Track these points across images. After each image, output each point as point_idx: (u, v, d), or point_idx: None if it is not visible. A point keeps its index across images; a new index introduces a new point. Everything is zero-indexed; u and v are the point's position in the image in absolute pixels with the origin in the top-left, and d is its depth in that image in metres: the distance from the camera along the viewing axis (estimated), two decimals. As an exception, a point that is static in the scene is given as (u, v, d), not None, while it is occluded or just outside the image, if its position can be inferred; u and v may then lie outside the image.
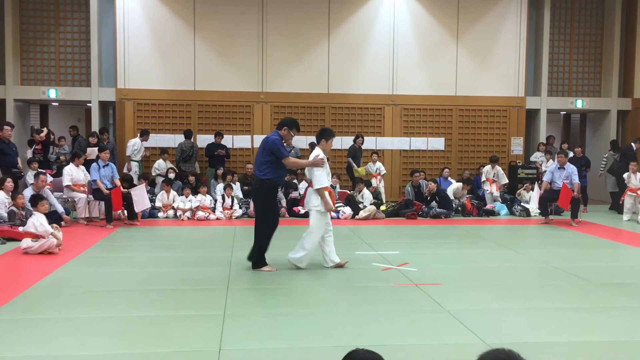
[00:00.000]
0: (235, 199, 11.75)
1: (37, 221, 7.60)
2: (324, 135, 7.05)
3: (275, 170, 6.78)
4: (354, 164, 13.16)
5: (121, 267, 7.01)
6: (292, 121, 7.03)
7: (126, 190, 10.63)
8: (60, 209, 10.04)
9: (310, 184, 6.94)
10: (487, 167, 13.45)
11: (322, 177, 6.82)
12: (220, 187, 11.87)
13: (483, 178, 13.41)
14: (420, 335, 4.59)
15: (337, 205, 11.93)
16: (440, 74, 14.75)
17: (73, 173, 10.63)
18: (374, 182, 13.37)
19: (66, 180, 10.54)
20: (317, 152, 6.97)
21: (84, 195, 10.51)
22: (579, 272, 6.81)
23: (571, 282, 6.41)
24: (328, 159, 13.26)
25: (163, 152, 13.24)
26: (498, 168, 13.35)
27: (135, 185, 11.27)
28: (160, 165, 12.97)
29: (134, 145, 13.05)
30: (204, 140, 13.93)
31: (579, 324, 4.94)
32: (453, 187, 12.72)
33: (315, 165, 6.78)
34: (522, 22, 14.90)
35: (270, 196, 6.85)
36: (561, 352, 4.28)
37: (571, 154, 13.34)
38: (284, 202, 11.96)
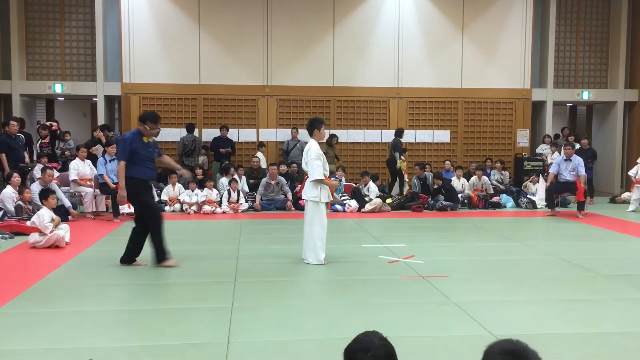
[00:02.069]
0: (241, 193, 11.78)
1: (40, 216, 7.61)
2: (315, 125, 6.91)
3: (135, 167, 6.56)
4: (401, 158, 13.23)
5: (129, 261, 7.03)
6: (145, 115, 6.69)
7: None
8: (67, 203, 10.08)
9: (307, 175, 6.88)
10: (474, 179, 12.77)
11: (316, 169, 6.68)
12: (225, 181, 11.89)
13: (468, 190, 12.61)
14: (427, 327, 4.60)
15: (343, 198, 11.94)
16: (446, 66, 14.70)
17: (79, 167, 10.67)
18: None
19: (73, 174, 10.58)
20: (312, 144, 6.85)
21: (90, 190, 10.55)
22: (585, 264, 6.81)
23: (578, 274, 6.41)
24: (333, 156, 13.44)
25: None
26: (485, 178, 12.81)
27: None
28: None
29: None
30: (209, 134, 13.95)
31: (586, 315, 4.95)
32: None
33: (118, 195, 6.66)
34: (527, 13, 14.83)
35: (138, 193, 6.61)
36: (569, 344, 4.28)
37: (577, 146, 13.29)
38: (289, 195, 11.98)
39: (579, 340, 4.36)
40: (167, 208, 11.44)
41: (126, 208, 10.50)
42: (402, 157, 13.40)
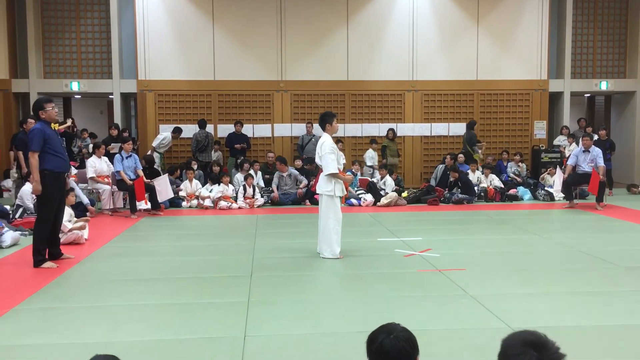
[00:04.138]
0: (256, 188, 11.81)
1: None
2: (327, 119, 6.86)
3: (49, 159, 6.32)
4: (478, 151, 13.36)
5: (146, 256, 7.10)
6: (38, 101, 6.58)
7: (149, 180, 10.75)
8: (85, 200, 10.18)
9: (322, 169, 6.87)
10: (482, 177, 12.50)
11: (331, 163, 6.67)
12: (240, 176, 11.93)
13: (484, 184, 12.36)
14: (445, 320, 4.58)
15: (358, 192, 11.92)
16: (461, 58, 14.58)
17: (96, 165, 10.76)
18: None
19: (90, 172, 10.68)
20: (325, 139, 6.81)
21: (108, 187, 10.64)
22: (604, 256, 6.73)
23: (597, 266, 6.34)
24: (395, 150, 13.34)
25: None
26: (493, 176, 12.59)
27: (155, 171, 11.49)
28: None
29: (164, 139, 13.13)
30: (224, 130, 14.00)
31: (605, 307, 4.89)
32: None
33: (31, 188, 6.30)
34: (544, 3, 14.64)
35: (48, 187, 6.33)
36: (587, 336, 4.24)
37: (595, 137, 13.12)
38: (304, 183, 12.01)
39: (597, 332, 4.32)
40: (184, 204, 11.52)
41: (143, 204, 10.61)
42: (479, 150, 13.48)
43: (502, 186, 12.44)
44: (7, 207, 9.20)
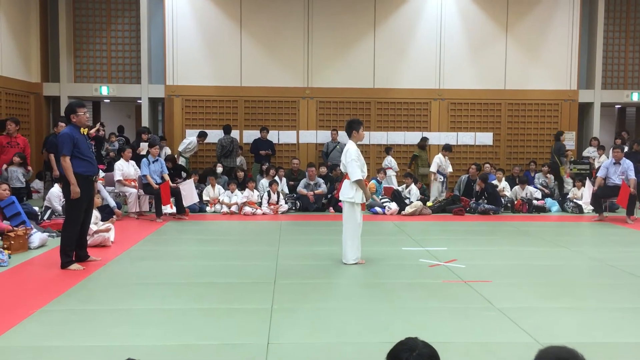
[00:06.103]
0: (281, 194, 11.82)
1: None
2: (354, 126, 6.87)
3: (77, 163, 6.42)
4: (563, 161, 13.38)
5: (171, 260, 7.13)
6: (70, 105, 6.57)
7: (175, 184, 10.83)
8: (112, 203, 10.29)
9: (346, 176, 6.87)
10: (516, 188, 12.33)
11: (356, 169, 6.68)
12: (265, 182, 11.97)
13: (508, 192, 12.32)
14: (470, 333, 4.50)
15: (382, 200, 11.86)
16: (489, 67, 14.46)
17: (124, 168, 10.88)
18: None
19: (117, 175, 10.81)
20: (350, 146, 6.82)
21: (134, 190, 10.75)
22: (635, 271, 6.57)
23: (627, 281, 6.19)
24: (426, 159, 13.30)
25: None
26: (529, 187, 12.35)
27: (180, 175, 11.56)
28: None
29: (190, 143, 13.27)
30: (250, 135, 14.07)
31: (636, 324, 4.76)
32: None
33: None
34: (574, 12, 14.46)
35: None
36: (617, 353, 4.13)
37: (626, 149, 12.85)
38: (323, 189, 12.00)
39: (627, 349, 4.20)
40: (208, 209, 11.58)
41: (169, 208, 10.69)
42: (565, 159, 13.52)
43: (540, 198, 12.24)
44: (36, 208, 9.35)
